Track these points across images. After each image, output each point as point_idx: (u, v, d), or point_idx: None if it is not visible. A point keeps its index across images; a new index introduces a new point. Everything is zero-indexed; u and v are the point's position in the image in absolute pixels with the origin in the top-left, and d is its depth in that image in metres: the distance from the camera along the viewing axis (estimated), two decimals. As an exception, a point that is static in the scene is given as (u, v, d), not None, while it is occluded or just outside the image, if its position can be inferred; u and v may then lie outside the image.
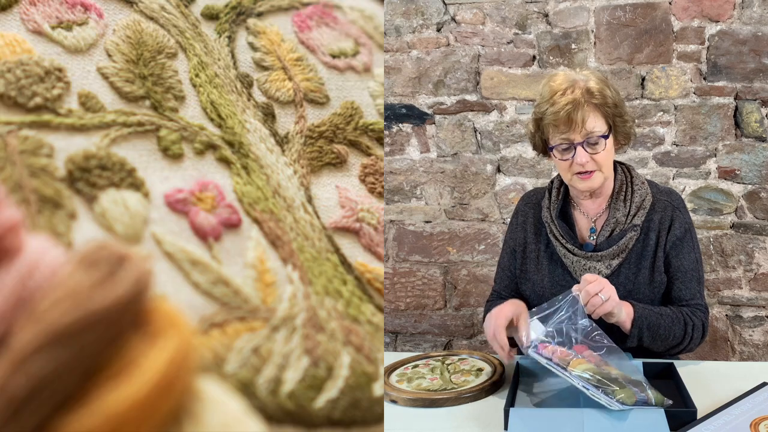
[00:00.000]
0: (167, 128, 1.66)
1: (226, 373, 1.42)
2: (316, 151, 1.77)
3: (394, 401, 2.02)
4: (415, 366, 2.24)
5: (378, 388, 1.50)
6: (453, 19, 3.50)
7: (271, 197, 1.65)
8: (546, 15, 3.43)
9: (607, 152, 2.18)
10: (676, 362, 2.14)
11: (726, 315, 3.44)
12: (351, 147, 1.81)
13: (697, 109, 3.35)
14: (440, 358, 2.30)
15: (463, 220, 3.61)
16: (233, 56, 1.85)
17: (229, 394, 1.26)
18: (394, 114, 3.59)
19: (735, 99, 3.32)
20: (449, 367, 2.21)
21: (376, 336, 1.55)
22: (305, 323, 1.51)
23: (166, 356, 1.14)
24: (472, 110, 3.54)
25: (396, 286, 3.70)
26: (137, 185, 1.56)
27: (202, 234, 1.55)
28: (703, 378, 2.09)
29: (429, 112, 3.57)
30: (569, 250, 2.27)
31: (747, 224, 3.39)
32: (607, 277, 2.22)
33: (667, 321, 2.17)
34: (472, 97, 3.53)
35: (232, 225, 1.59)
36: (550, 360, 1.92)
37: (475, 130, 3.54)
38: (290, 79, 1.86)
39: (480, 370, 2.17)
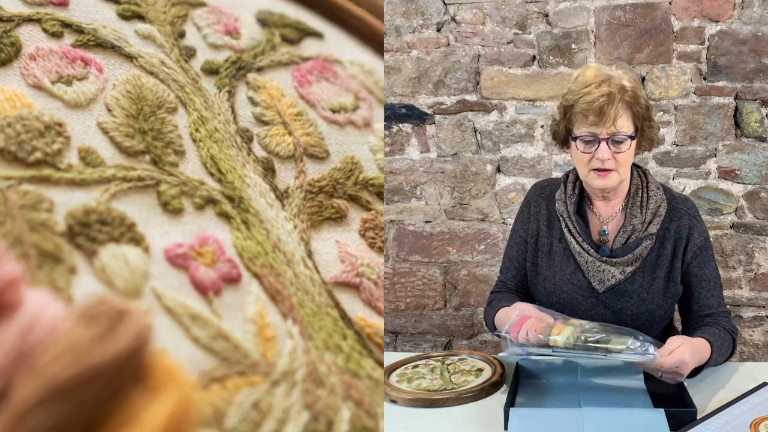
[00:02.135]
0: (167, 183, 1.66)
1: (226, 427, 1.43)
2: (316, 206, 1.77)
3: (394, 401, 2.04)
4: (415, 366, 2.25)
5: (378, 442, 1.51)
6: (453, 19, 3.49)
7: (271, 252, 1.66)
8: (546, 15, 3.42)
9: (628, 154, 2.16)
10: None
11: (725, 315, 3.46)
12: (351, 202, 1.81)
13: (697, 109, 3.35)
14: (440, 358, 2.31)
15: (463, 220, 3.62)
16: (233, 111, 1.85)
17: (229, 449, 1.27)
18: (394, 114, 3.58)
19: (735, 99, 3.32)
20: (449, 367, 2.22)
21: (377, 391, 1.56)
22: (305, 378, 1.52)
23: (166, 411, 1.15)
24: (472, 110, 3.53)
25: (396, 286, 3.71)
26: (137, 240, 1.56)
27: (202, 289, 1.55)
28: (703, 378, 2.10)
29: (429, 112, 3.56)
30: (584, 250, 2.25)
31: (747, 224, 3.39)
32: (622, 282, 2.22)
33: (724, 346, 2.17)
34: (472, 97, 3.53)
35: (232, 280, 1.59)
36: (526, 345, 1.94)
37: (475, 130, 3.54)
38: (290, 133, 1.85)
39: (480, 370, 2.19)
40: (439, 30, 3.51)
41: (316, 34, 2.08)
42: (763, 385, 1.98)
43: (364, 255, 1.75)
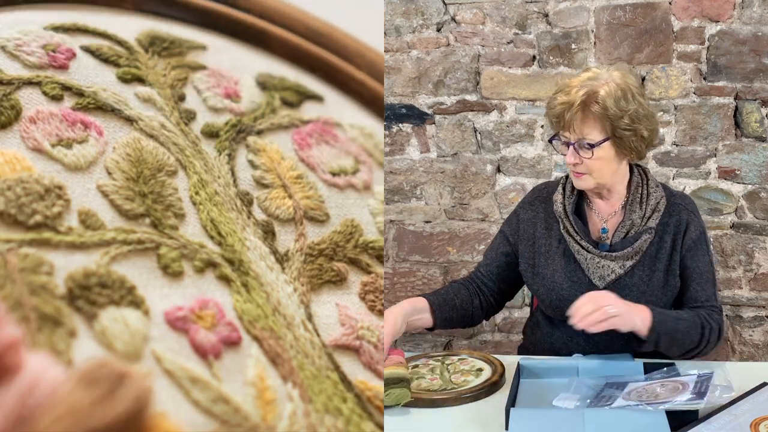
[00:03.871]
0: (167, 246, 1.66)
1: (228, 490, 1.44)
2: (316, 269, 1.77)
3: (394, 401, 2.05)
4: (415, 366, 2.26)
5: (378, 506, 1.53)
6: (453, 19, 3.47)
7: (271, 315, 1.66)
8: (546, 15, 3.40)
9: (598, 160, 2.16)
10: (677, 362, 2.13)
11: (726, 315, 3.45)
12: (351, 265, 1.82)
13: (697, 109, 3.34)
14: (440, 358, 2.31)
15: (463, 220, 3.62)
16: (233, 174, 1.85)
17: None
18: (394, 114, 3.58)
19: (735, 99, 3.31)
20: (449, 367, 2.22)
21: (377, 453, 1.57)
22: (306, 441, 1.53)
23: (167, 474, 1.17)
24: (472, 110, 3.52)
25: (396, 286, 3.71)
26: (137, 303, 1.56)
27: (202, 352, 1.55)
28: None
29: (429, 112, 3.56)
30: (583, 248, 2.25)
31: (747, 224, 3.40)
32: (621, 277, 2.23)
33: (684, 325, 2.15)
34: (472, 97, 3.52)
35: (232, 343, 1.59)
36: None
37: (475, 130, 3.53)
38: (290, 196, 1.85)
39: (480, 370, 2.19)
40: (439, 30, 3.50)
41: (316, 97, 2.08)
42: (763, 385, 1.98)
43: (364, 318, 1.75)
